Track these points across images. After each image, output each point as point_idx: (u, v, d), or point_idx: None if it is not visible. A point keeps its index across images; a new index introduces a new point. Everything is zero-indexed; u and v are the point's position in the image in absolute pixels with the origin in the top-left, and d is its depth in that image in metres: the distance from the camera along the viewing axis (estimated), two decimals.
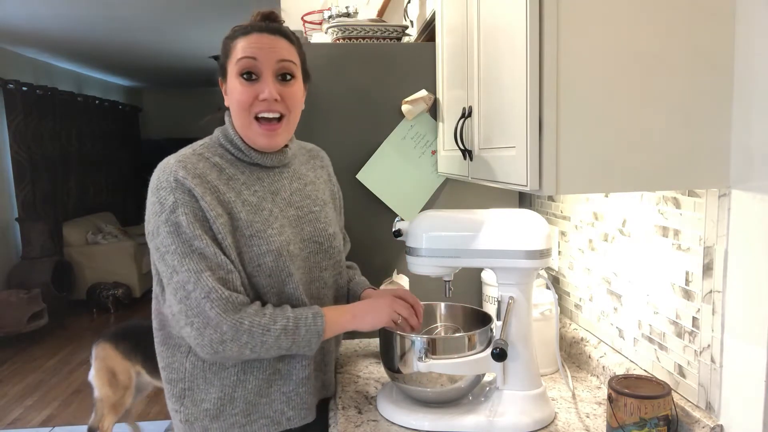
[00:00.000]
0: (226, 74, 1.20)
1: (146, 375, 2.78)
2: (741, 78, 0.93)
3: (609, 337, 1.37)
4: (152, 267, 1.18)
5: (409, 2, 2.23)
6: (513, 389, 1.18)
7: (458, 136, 1.30)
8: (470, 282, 1.77)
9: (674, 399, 1.07)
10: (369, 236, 1.70)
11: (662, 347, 1.16)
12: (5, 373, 4.34)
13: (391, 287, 1.54)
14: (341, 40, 1.70)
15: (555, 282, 1.67)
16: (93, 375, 2.77)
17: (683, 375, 1.10)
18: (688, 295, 1.07)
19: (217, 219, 1.12)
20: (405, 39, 1.78)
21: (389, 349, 1.22)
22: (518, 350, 1.18)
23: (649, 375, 1.17)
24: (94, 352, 2.79)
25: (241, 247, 1.15)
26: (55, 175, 6.26)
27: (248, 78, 1.16)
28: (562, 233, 1.61)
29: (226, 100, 1.23)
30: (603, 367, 1.33)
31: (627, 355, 1.30)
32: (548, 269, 1.71)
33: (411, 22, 2.23)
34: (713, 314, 1.01)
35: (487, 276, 1.60)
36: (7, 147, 5.62)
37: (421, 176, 1.71)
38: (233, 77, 1.17)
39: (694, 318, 1.06)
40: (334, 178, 1.44)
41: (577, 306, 1.54)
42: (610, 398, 1.06)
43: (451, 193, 1.74)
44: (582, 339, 1.46)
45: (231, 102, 1.20)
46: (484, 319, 1.28)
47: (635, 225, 1.24)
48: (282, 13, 1.24)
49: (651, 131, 0.93)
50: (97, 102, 7.45)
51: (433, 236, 1.19)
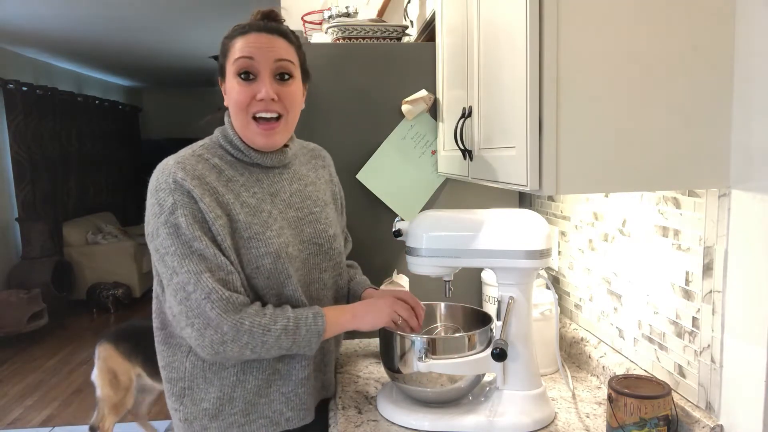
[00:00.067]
0: (225, 74, 1.19)
1: (147, 377, 2.77)
2: (741, 78, 0.93)
3: (609, 337, 1.37)
4: (153, 267, 1.18)
5: (409, 2, 2.23)
6: (513, 389, 1.18)
7: (458, 136, 1.30)
8: (470, 282, 1.77)
9: (674, 399, 1.07)
10: (369, 236, 1.70)
11: (662, 347, 1.16)
12: (5, 373, 4.34)
13: (392, 287, 1.54)
14: (341, 40, 1.70)
15: (555, 282, 1.67)
16: (95, 375, 2.77)
17: (683, 375, 1.10)
18: (688, 295, 1.07)
19: (216, 221, 1.11)
20: (405, 39, 1.78)
21: (389, 349, 1.22)
22: (518, 350, 1.18)
23: (649, 375, 1.17)
24: (97, 352, 2.79)
25: (240, 249, 1.15)
26: (55, 175, 6.26)
27: (246, 78, 1.16)
28: (562, 233, 1.61)
29: (226, 100, 1.22)
30: (603, 367, 1.33)
31: (627, 355, 1.30)
32: (548, 269, 1.71)
33: (411, 22, 2.23)
34: (713, 314, 1.01)
35: (487, 276, 1.60)
36: (7, 147, 5.62)
37: (421, 176, 1.71)
38: (231, 77, 1.17)
39: (694, 318, 1.06)
40: (336, 178, 1.43)
41: (577, 306, 1.54)
42: (610, 398, 1.06)
43: (451, 193, 1.74)
44: (582, 339, 1.46)
45: (229, 102, 1.19)
46: (484, 319, 1.28)
47: (635, 225, 1.24)
48: (282, 12, 1.24)
49: (651, 131, 0.93)
50: (97, 102, 7.45)
51: (433, 236, 1.19)
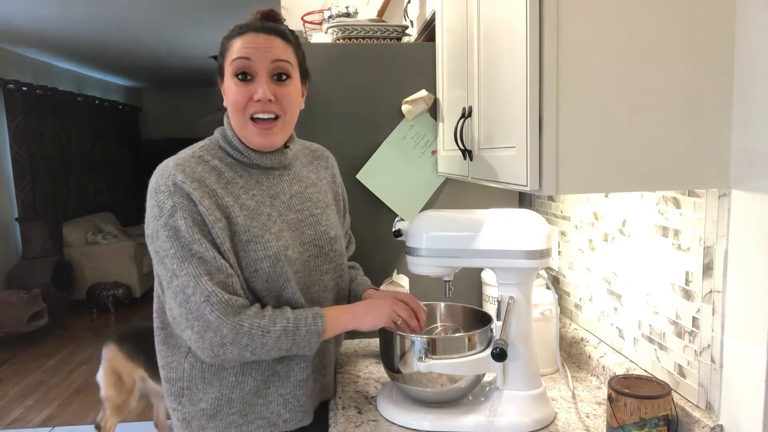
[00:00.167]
0: (224, 74, 1.19)
1: (150, 381, 2.77)
2: (741, 78, 0.93)
3: (609, 337, 1.37)
4: (153, 268, 1.18)
5: (409, 2, 2.23)
6: (513, 389, 1.18)
7: (458, 136, 1.30)
8: (470, 282, 1.77)
9: (674, 399, 1.07)
10: (369, 236, 1.70)
11: (662, 347, 1.16)
12: (5, 373, 4.34)
13: (392, 287, 1.54)
14: (341, 40, 1.70)
15: (555, 282, 1.67)
16: (100, 375, 2.78)
17: (683, 375, 1.10)
18: (688, 295, 1.07)
19: (216, 223, 1.11)
20: (405, 39, 1.78)
21: (389, 349, 1.21)
22: (518, 350, 1.18)
23: (649, 375, 1.17)
24: (103, 353, 2.80)
25: (239, 252, 1.14)
26: (55, 175, 6.26)
27: (243, 78, 1.15)
28: (562, 233, 1.61)
29: (224, 101, 1.22)
30: (603, 367, 1.33)
31: (627, 355, 1.30)
32: (548, 269, 1.71)
33: (411, 22, 2.23)
34: (713, 314, 1.01)
35: (487, 276, 1.60)
36: (7, 147, 5.62)
37: (421, 176, 1.71)
38: (229, 77, 1.17)
39: (694, 318, 1.06)
40: (339, 179, 1.42)
41: (577, 306, 1.54)
42: (610, 398, 1.06)
43: (451, 193, 1.74)
44: (582, 339, 1.46)
45: (227, 103, 1.19)
46: (484, 319, 1.28)
47: (635, 225, 1.24)
48: (282, 11, 1.24)
49: (651, 131, 0.93)
50: (97, 102, 7.45)
51: (433, 236, 1.19)
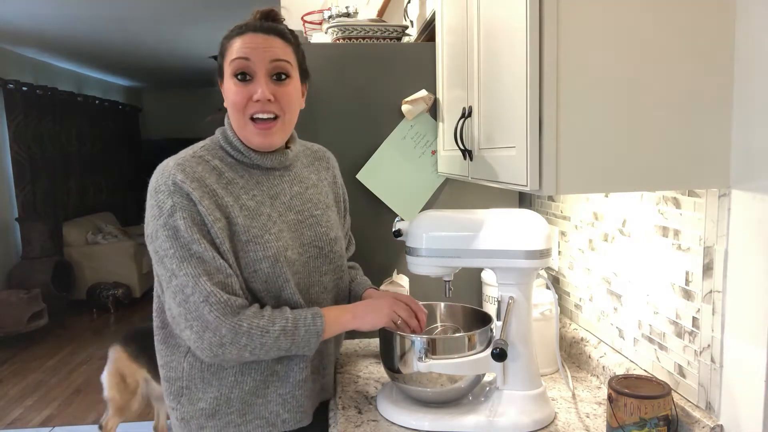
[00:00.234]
0: (223, 75, 1.19)
1: (153, 383, 2.77)
2: (741, 78, 0.93)
3: (609, 337, 1.37)
4: (153, 267, 1.18)
5: (409, 2, 2.23)
6: (513, 389, 1.18)
7: (458, 136, 1.30)
8: (470, 282, 1.77)
9: (674, 399, 1.07)
10: (369, 236, 1.70)
11: (662, 347, 1.16)
12: (5, 373, 4.34)
13: (392, 287, 1.54)
14: (341, 40, 1.70)
15: (555, 282, 1.67)
16: (104, 376, 2.79)
17: (683, 375, 1.10)
18: (688, 295, 1.07)
19: (215, 223, 1.11)
20: (405, 39, 1.78)
21: (389, 349, 1.21)
22: (518, 350, 1.18)
23: (649, 375, 1.17)
24: (109, 354, 2.81)
25: (238, 253, 1.14)
26: (55, 175, 6.26)
27: (242, 79, 1.15)
28: (562, 233, 1.61)
29: (225, 101, 1.22)
30: (603, 367, 1.33)
31: (627, 355, 1.29)
32: (548, 269, 1.71)
33: (411, 22, 2.23)
34: (713, 314, 1.01)
35: (487, 276, 1.60)
36: (7, 147, 5.62)
37: (421, 176, 1.71)
38: (228, 78, 1.17)
39: (694, 318, 1.06)
40: (340, 180, 1.42)
41: (577, 306, 1.54)
42: (610, 398, 1.06)
43: (451, 193, 1.74)
44: (582, 339, 1.46)
45: (227, 103, 1.19)
46: (484, 319, 1.28)
47: (635, 225, 1.24)
48: (282, 11, 1.23)
49: (651, 131, 0.93)
50: (97, 102, 7.45)
51: (433, 236, 1.19)
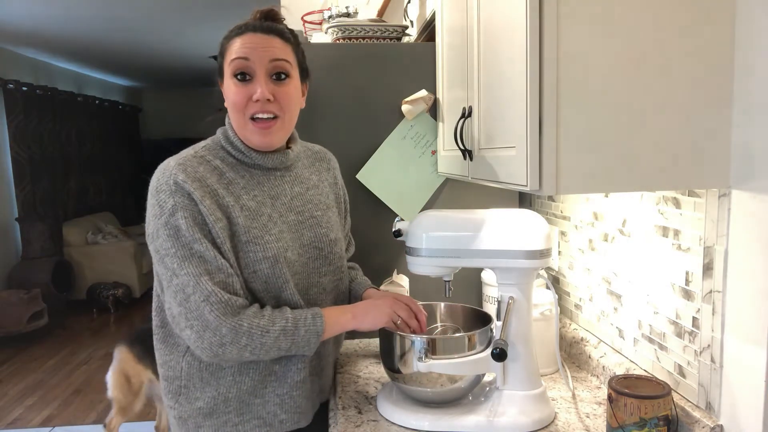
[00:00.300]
0: (223, 75, 1.19)
1: (157, 383, 2.77)
2: (741, 78, 0.93)
3: (609, 337, 1.37)
4: (153, 266, 1.18)
5: (409, 2, 2.23)
6: (513, 389, 1.18)
7: (458, 136, 1.30)
8: (470, 282, 1.77)
9: (674, 399, 1.07)
10: (369, 236, 1.70)
11: (662, 347, 1.16)
12: (5, 373, 4.34)
13: (392, 287, 1.54)
14: (341, 40, 1.70)
15: (555, 282, 1.67)
16: (109, 375, 2.79)
17: (683, 375, 1.10)
18: (688, 295, 1.07)
19: (216, 223, 1.11)
20: (405, 39, 1.78)
21: (389, 349, 1.21)
22: (518, 350, 1.18)
23: (649, 375, 1.17)
24: (114, 354, 2.82)
25: (238, 253, 1.14)
26: (55, 175, 6.27)
27: (242, 78, 1.15)
28: (562, 233, 1.61)
29: (225, 101, 1.22)
30: (603, 367, 1.33)
31: (627, 355, 1.30)
32: (548, 269, 1.71)
33: (411, 22, 2.23)
34: (713, 314, 1.01)
35: (487, 276, 1.60)
36: (7, 147, 5.62)
37: (421, 176, 1.71)
38: (228, 78, 1.17)
39: (694, 318, 1.06)
40: (341, 181, 1.42)
41: (577, 306, 1.54)
42: (610, 398, 1.06)
43: (451, 193, 1.74)
44: (582, 339, 1.46)
45: (227, 103, 1.19)
46: (484, 319, 1.28)
47: (635, 225, 1.24)
48: (282, 11, 1.23)
49: (651, 131, 0.93)
50: (97, 102, 7.45)
51: (433, 236, 1.19)
